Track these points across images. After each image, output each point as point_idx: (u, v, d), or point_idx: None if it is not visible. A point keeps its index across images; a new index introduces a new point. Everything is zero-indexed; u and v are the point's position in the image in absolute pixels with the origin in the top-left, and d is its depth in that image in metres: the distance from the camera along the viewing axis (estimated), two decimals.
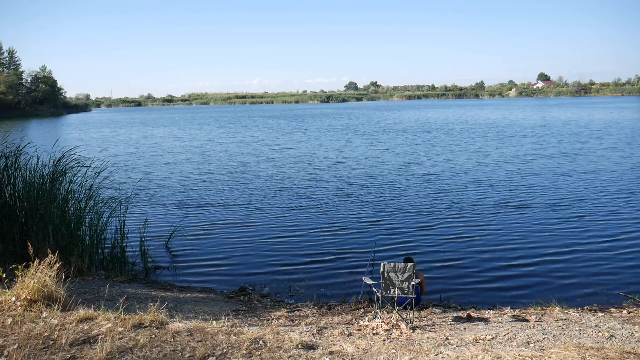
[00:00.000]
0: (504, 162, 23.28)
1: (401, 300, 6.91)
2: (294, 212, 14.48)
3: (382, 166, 22.99)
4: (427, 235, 12.00)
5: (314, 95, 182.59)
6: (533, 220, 13.02)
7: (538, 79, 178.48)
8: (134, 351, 4.61)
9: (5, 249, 8.45)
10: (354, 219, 13.63)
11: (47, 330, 4.95)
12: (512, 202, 15.21)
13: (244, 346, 4.80)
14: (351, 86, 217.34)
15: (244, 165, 24.47)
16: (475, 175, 20.05)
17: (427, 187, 17.85)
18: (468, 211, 14.15)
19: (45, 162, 9.75)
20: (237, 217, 14.14)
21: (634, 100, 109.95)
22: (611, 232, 11.95)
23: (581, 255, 10.42)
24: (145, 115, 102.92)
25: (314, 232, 12.43)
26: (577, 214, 13.63)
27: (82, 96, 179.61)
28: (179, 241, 11.64)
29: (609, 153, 25.56)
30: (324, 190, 17.55)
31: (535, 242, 11.27)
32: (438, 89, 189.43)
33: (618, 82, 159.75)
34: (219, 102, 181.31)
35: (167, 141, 39.41)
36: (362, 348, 4.97)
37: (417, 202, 15.51)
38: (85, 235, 9.62)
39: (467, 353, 4.86)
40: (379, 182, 18.86)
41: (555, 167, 21.69)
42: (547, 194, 16.25)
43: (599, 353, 4.87)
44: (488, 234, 11.96)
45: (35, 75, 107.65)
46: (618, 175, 19.22)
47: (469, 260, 10.24)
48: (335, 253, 10.87)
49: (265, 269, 10.05)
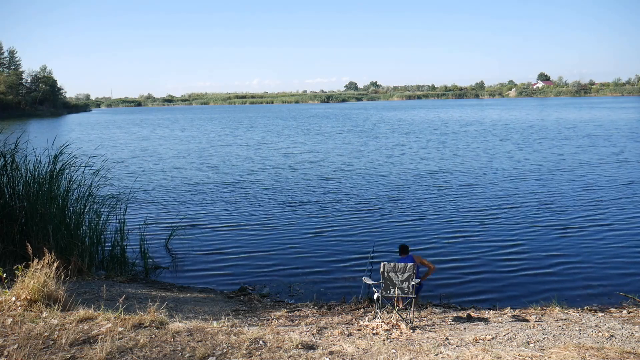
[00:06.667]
0: (504, 162, 23.28)
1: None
2: (294, 212, 14.47)
3: (382, 167, 22.99)
4: (427, 235, 12.00)
5: (314, 95, 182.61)
6: (533, 220, 13.02)
7: (538, 79, 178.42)
8: (134, 351, 4.61)
9: (5, 249, 8.44)
10: (354, 218, 13.62)
11: (47, 330, 4.95)
12: (512, 202, 15.21)
13: (244, 346, 4.79)
14: (351, 86, 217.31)
15: (245, 165, 24.47)
16: (475, 175, 20.05)
17: (427, 187, 17.84)
18: (468, 211, 14.15)
19: (45, 162, 9.75)
20: (237, 217, 14.13)
21: (635, 100, 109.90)
22: (611, 232, 11.95)
23: (581, 255, 10.42)
24: (145, 115, 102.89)
25: (314, 232, 12.43)
26: (578, 214, 13.63)
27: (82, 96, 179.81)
28: (179, 241, 11.63)
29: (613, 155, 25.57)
30: (323, 190, 17.54)
31: (536, 242, 11.27)
32: (438, 89, 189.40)
33: (618, 82, 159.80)
34: (219, 102, 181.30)
35: (167, 141, 39.40)
36: (362, 348, 4.97)
37: (417, 202, 15.51)
38: (85, 235, 9.62)
39: (467, 353, 4.86)
40: (379, 182, 18.86)
41: (556, 167, 21.68)
42: (547, 194, 16.25)
43: (599, 353, 4.86)
44: (488, 234, 11.96)
45: (35, 75, 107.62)
46: (618, 176, 19.21)
47: (469, 260, 10.24)
48: (335, 253, 10.87)
49: (265, 269, 10.05)
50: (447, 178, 19.45)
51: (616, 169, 20.54)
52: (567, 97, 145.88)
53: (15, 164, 9.45)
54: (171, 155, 29.29)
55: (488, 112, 71.98)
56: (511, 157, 25.06)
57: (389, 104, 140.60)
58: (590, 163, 22.36)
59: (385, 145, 32.11)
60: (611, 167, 21.23)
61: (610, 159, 23.32)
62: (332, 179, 19.84)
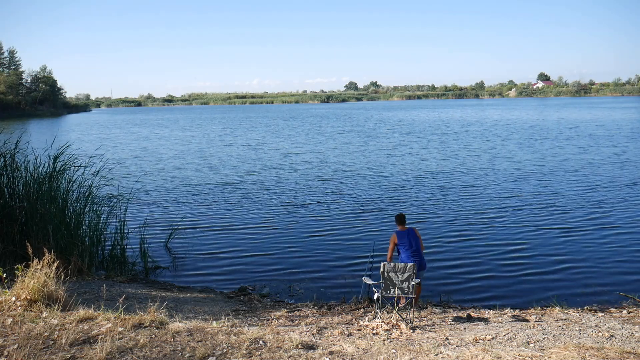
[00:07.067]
0: (505, 162, 23.28)
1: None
2: (294, 212, 14.47)
3: (383, 167, 22.99)
4: (427, 235, 11.99)
5: (314, 95, 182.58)
6: (533, 220, 13.02)
7: (538, 79, 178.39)
8: (134, 351, 4.61)
9: (5, 249, 8.44)
10: (354, 218, 13.63)
11: (47, 330, 4.95)
12: (512, 202, 15.21)
13: (244, 346, 4.79)
14: (351, 86, 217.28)
15: (245, 166, 24.47)
16: (477, 175, 20.05)
17: (428, 187, 17.85)
18: (468, 211, 14.15)
19: (45, 162, 9.75)
20: (237, 217, 14.13)
21: (635, 100, 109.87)
22: (612, 232, 11.95)
23: (582, 255, 10.42)
24: (145, 115, 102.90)
25: (315, 233, 12.43)
26: (579, 214, 13.63)
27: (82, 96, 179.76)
28: (179, 241, 11.64)
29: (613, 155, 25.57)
30: (323, 191, 17.54)
31: (536, 243, 11.27)
32: (438, 89, 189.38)
33: (618, 82, 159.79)
34: (219, 102, 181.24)
35: (168, 142, 39.40)
36: (362, 348, 4.97)
37: (416, 202, 15.51)
38: (85, 235, 9.62)
39: (467, 353, 4.86)
40: (379, 183, 18.86)
41: (558, 167, 21.68)
42: (549, 194, 16.25)
43: (599, 353, 4.86)
44: (488, 234, 11.96)
45: (35, 75, 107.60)
46: (618, 175, 19.21)
47: (469, 260, 10.24)
48: (336, 253, 10.87)
49: (265, 269, 10.05)
50: (448, 178, 19.45)
51: (619, 170, 20.52)
52: (567, 97, 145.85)
53: (15, 164, 9.45)
54: (171, 156, 29.29)
55: (489, 112, 71.96)
56: (513, 157, 25.04)
57: (389, 104, 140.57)
58: (593, 163, 22.34)
59: (386, 145, 32.11)
60: (613, 167, 21.21)
61: (613, 160, 23.31)
62: (332, 179, 19.84)
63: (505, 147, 29.08)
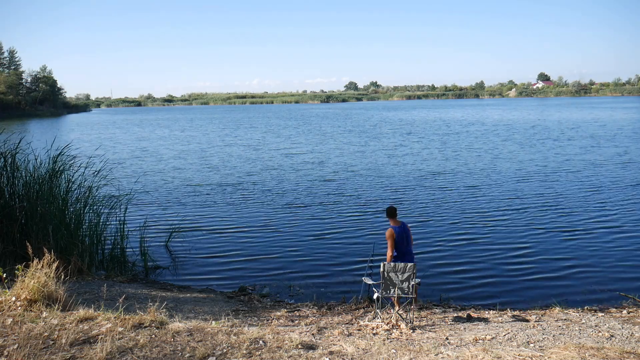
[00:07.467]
0: (507, 162, 23.27)
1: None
2: (294, 213, 14.47)
3: (384, 167, 22.98)
4: (427, 235, 11.99)
5: (314, 95, 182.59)
6: (533, 221, 13.01)
7: (538, 79, 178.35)
8: (134, 351, 4.61)
9: (5, 249, 8.44)
10: (355, 219, 13.62)
11: (47, 330, 4.95)
12: (515, 203, 15.20)
13: (244, 346, 4.79)
14: (351, 86, 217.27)
15: (245, 166, 24.46)
16: (478, 176, 20.04)
17: (429, 188, 17.84)
18: (471, 212, 14.14)
19: (45, 163, 9.75)
20: (237, 217, 14.13)
21: (635, 100, 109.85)
22: (611, 232, 11.95)
23: (581, 255, 10.42)
24: (145, 115, 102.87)
25: (315, 233, 12.43)
26: (581, 215, 13.62)
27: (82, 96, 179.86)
28: (179, 241, 11.64)
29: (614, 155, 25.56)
30: (324, 191, 17.54)
31: (538, 243, 11.26)
32: (438, 89, 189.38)
33: (618, 82, 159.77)
34: (219, 102, 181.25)
35: (167, 142, 39.40)
36: (362, 348, 4.97)
37: (416, 202, 15.51)
38: (85, 235, 9.62)
39: (467, 353, 4.86)
40: (381, 184, 18.86)
41: (560, 167, 21.67)
42: (551, 195, 16.24)
43: (599, 353, 4.86)
44: (488, 234, 11.96)
45: (35, 75, 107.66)
46: (623, 176, 19.20)
47: (469, 260, 10.24)
48: (335, 253, 10.87)
49: (265, 268, 10.05)
50: (449, 179, 19.45)
51: (621, 170, 20.49)
52: (567, 97, 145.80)
53: (15, 164, 9.46)
54: (171, 156, 29.29)
55: (489, 112, 71.95)
56: (514, 157, 25.03)
57: (390, 104, 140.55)
58: (595, 164, 22.30)
59: (386, 145, 32.10)
60: (616, 167, 21.18)
61: (615, 160, 23.28)
62: (333, 179, 19.84)
63: (507, 148, 29.06)
